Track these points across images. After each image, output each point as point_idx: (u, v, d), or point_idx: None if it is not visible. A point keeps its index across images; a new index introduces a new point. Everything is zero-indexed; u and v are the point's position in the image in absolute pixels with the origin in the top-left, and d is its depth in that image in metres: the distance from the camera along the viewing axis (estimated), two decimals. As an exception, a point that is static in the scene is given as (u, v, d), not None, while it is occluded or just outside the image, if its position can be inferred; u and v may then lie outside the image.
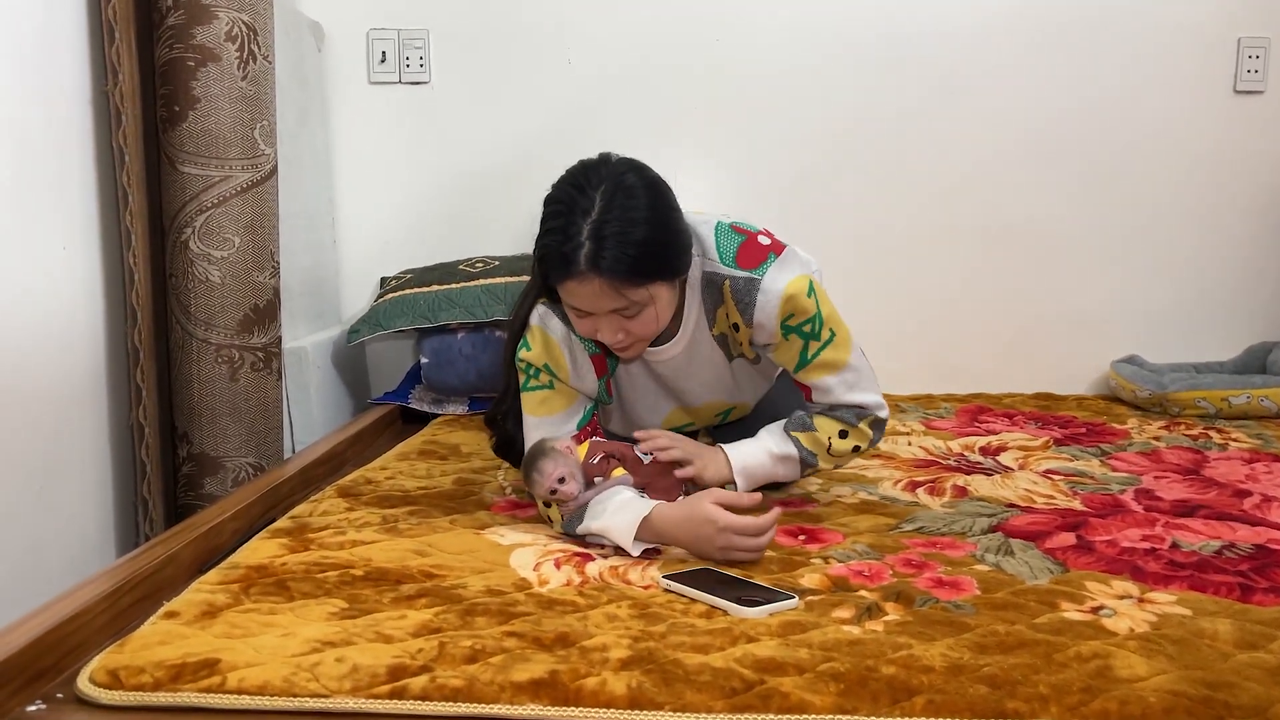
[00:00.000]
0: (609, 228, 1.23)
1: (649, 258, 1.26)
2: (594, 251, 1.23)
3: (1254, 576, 1.19)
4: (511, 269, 2.17)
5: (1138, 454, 1.82)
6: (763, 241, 1.40)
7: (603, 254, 1.23)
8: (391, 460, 1.72)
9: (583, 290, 1.26)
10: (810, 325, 1.38)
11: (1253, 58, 2.35)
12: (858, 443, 1.44)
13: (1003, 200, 2.41)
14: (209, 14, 1.62)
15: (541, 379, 1.40)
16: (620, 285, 1.25)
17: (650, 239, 1.26)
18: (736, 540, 1.22)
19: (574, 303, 1.30)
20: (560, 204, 1.28)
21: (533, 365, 1.40)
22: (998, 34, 2.36)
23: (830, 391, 1.42)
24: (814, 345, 1.38)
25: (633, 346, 1.36)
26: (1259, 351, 2.35)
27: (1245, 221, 2.41)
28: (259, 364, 1.73)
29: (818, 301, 1.38)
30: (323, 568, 1.18)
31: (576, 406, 1.43)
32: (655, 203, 1.29)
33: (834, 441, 1.43)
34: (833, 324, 1.40)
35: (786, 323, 1.36)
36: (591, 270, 1.24)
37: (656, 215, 1.28)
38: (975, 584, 1.16)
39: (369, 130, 2.42)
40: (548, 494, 1.30)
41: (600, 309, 1.28)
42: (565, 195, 1.29)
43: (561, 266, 1.25)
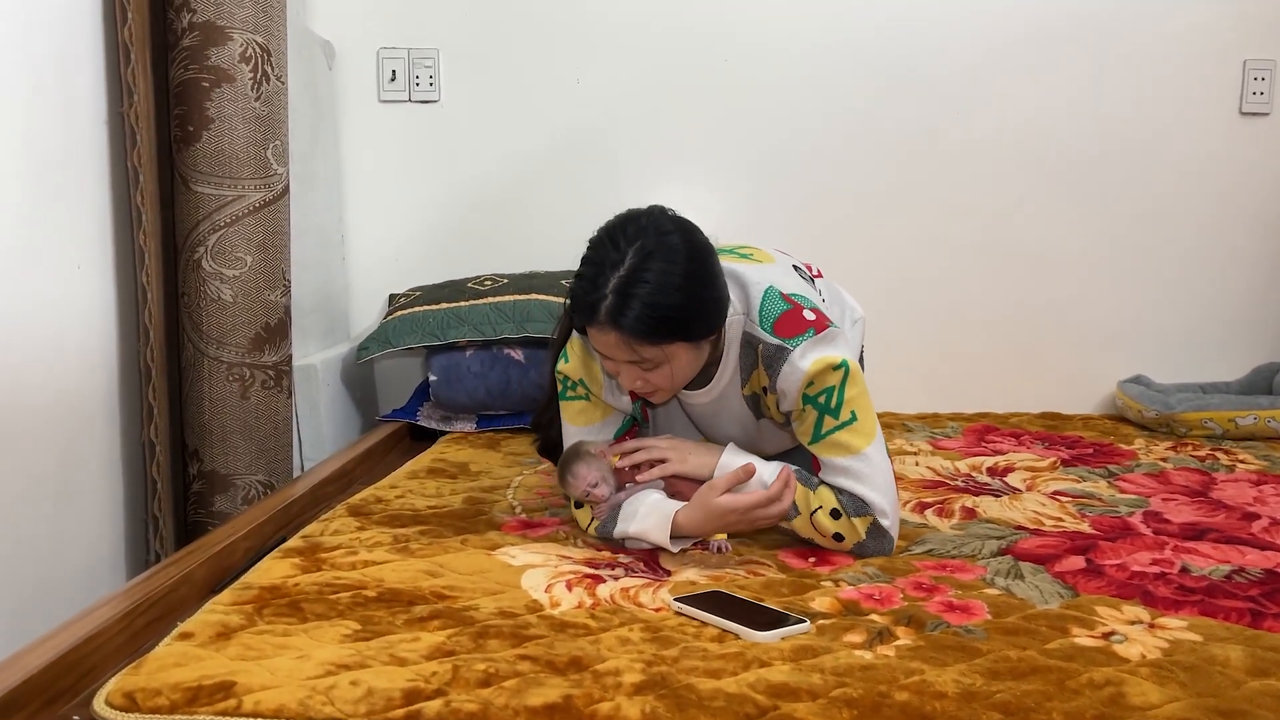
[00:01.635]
0: (633, 288, 1.25)
1: (668, 322, 1.27)
2: (614, 307, 1.26)
3: (1264, 602, 1.19)
4: (520, 287, 2.17)
5: (1145, 475, 1.82)
6: (807, 316, 1.37)
7: (623, 312, 1.25)
8: (401, 479, 1.73)
9: (602, 339, 1.30)
10: (827, 398, 1.33)
11: (1258, 79, 2.36)
12: (842, 532, 1.33)
13: (1010, 219, 2.42)
14: (224, 35, 1.63)
15: (579, 390, 1.45)
16: (636, 343, 1.27)
17: (673, 305, 1.27)
18: (758, 514, 1.31)
19: (596, 347, 1.34)
20: (595, 251, 1.30)
21: (570, 378, 1.44)
22: (1006, 55, 2.38)
23: (836, 473, 1.34)
24: (829, 421, 1.34)
25: (655, 394, 1.38)
26: (1266, 372, 2.35)
27: (1251, 242, 2.42)
28: (269, 382, 1.74)
29: (845, 381, 1.34)
30: (335, 588, 1.19)
31: (613, 419, 1.46)
32: (687, 269, 1.28)
33: (820, 514, 1.34)
34: (856, 408, 1.34)
35: (807, 392, 1.34)
36: (611, 325, 1.26)
37: (685, 282, 1.28)
38: (986, 608, 1.16)
39: (379, 148, 2.44)
40: (581, 496, 1.37)
41: (618, 358, 1.31)
42: (601, 244, 1.31)
43: (585, 314, 1.29)
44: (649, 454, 1.40)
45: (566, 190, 2.44)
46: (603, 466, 1.37)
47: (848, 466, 1.34)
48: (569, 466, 1.38)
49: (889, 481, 1.36)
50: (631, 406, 1.46)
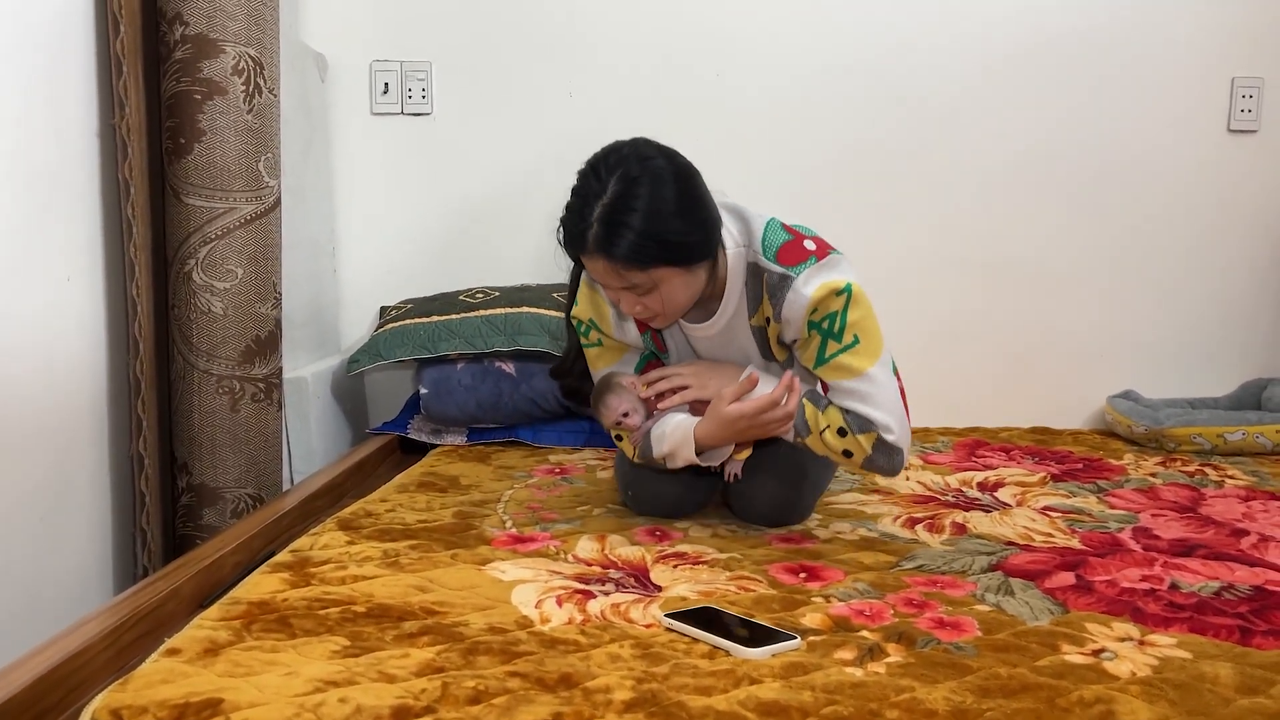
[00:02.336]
0: (617, 215, 1.30)
1: (653, 247, 1.31)
2: (600, 236, 1.31)
3: (1253, 619, 1.20)
4: (512, 300, 2.17)
5: (1135, 491, 1.82)
6: (808, 246, 1.42)
7: (608, 239, 1.31)
8: (391, 492, 1.72)
9: (594, 267, 1.37)
10: (830, 323, 1.38)
11: (1246, 97, 2.38)
12: (850, 449, 1.40)
13: (1000, 234, 2.43)
14: (216, 48, 1.63)
15: (592, 337, 1.53)
16: (622, 269, 1.32)
17: (657, 230, 1.31)
18: (766, 418, 1.37)
19: (592, 275, 1.41)
20: (580, 183, 1.37)
21: (581, 321, 1.53)
22: (997, 72, 2.39)
23: (842, 395, 1.40)
24: (833, 345, 1.39)
25: (655, 319, 1.44)
26: (1254, 388, 2.37)
27: (1239, 258, 2.44)
28: (260, 395, 1.74)
29: (848, 305, 1.38)
30: (324, 604, 1.18)
31: (627, 359, 1.54)
32: (670, 193, 1.33)
33: (829, 433, 1.40)
34: (859, 330, 1.39)
35: (811, 317, 1.39)
36: (599, 253, 1.32)
37: (667, 205, 1.32)
38: (976, 625, 1.16)
39: (371, 160, 2.44)
40: (613, 426, 1.48)
41: (612, 284, 1.38)
42: (585, 176, 1.37)
43: (574, 244, 1.36)
44: (670, 382, 1.47)
45: (559, 203, 2.42)
46: (631, 397, 1.47)
47: (852, 388, 1.39)
48: (600, 398, 1.49)
49: (894, 399, 1.42)
50: (640, 340, 1.52)
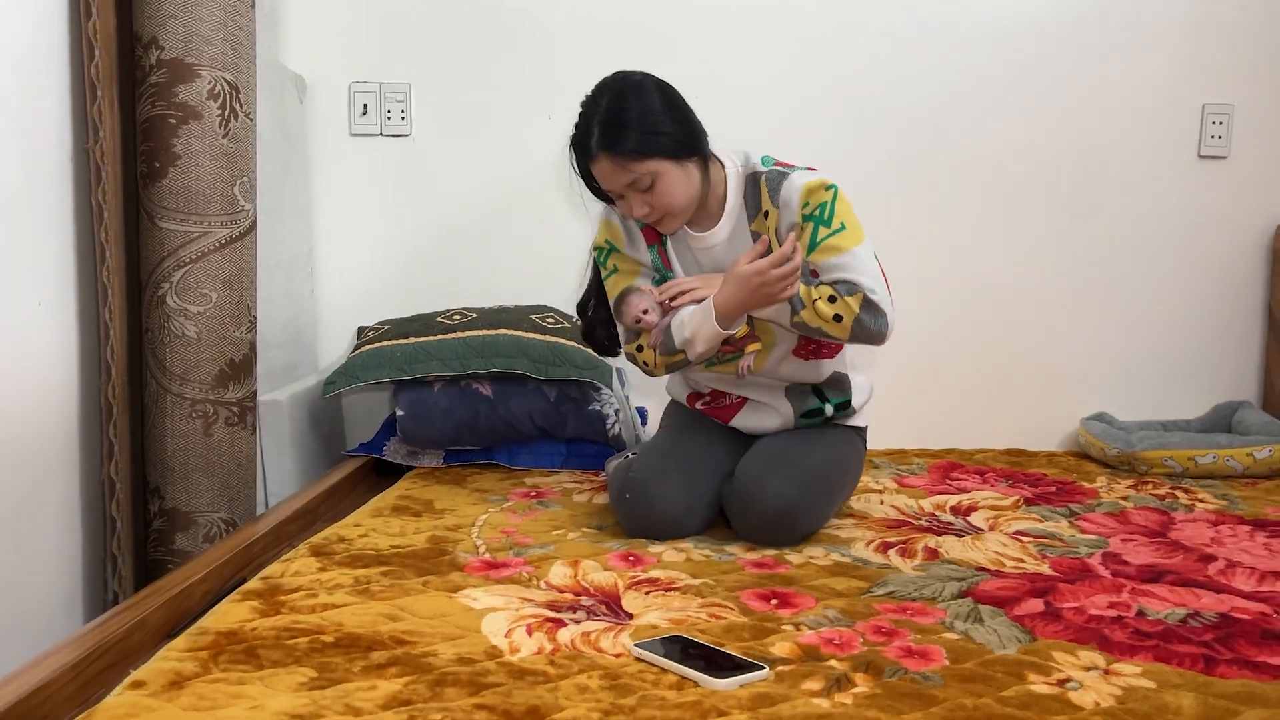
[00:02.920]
0: (610, 115, 1.53)
1: (644, 135, 1.52)
2: (600, 138, 1.54)
3: (1218, 647, 1.21)
4: (489, 322, 2.18)
5: (1106, 515, 1.84)
6: (798, 165, 1.66)
7: (606, 136, 1.53)
8: (365, 516, 1.71)
9: (599, 171, 1.57)
10: (821, 211, 1.58)
11: (1216, 124, 2.41)
12: (840, 313, 1.55)
13: (977, 258, 2.46)
14: (191, 72, 1.63)
15: (609, 264, 1.71)
16: (621, 159, 1.53)
17: (645, 120, 1.53)
18: (776, 273, 1.50)
19: (601, 185, 1.60)
20: (581, 109, 1.60)
21: (600, 248, 1.73)
22: (975, 98, 2.42)
23: (831, 271, 1.58)
24: (823, 230, 1.58)
25: (664, 221, 1.62)
26: (1225, 410, 2.39)
27: (1210, 282, 2.47)
28: (233, 419, 1.73)
29: (835, 198, 1.59)
30: (293, 633, 1.18)
31: (642, 278, 1.71)
32: (654, 97, 1.56)
33: (820, 302, 1.56)
34: (844, 219, 1.59)
35: (804, 210, 1.59)
36: (600, 151, 1.54)
37: (654, 105, 1.55)
38: (944, 654, 1.17)
39: (350, 181, 2.44)
40: (633, 323, 1.64)
41: (618, 185, 1.57)
42: (584, 104, 1.60)
43: (582, 155, 1.58)
44: (681, 286, 1.63)
45: (538, 225, 2.45)
46: (649, 298, 1.64)
47: (840, 263, 1.57)
48: (624, 299, 1.66)
49: (876, 271, 1.59)
50: (649, 256, 1.70)
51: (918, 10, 2.40)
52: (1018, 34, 2.40)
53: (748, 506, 1.61)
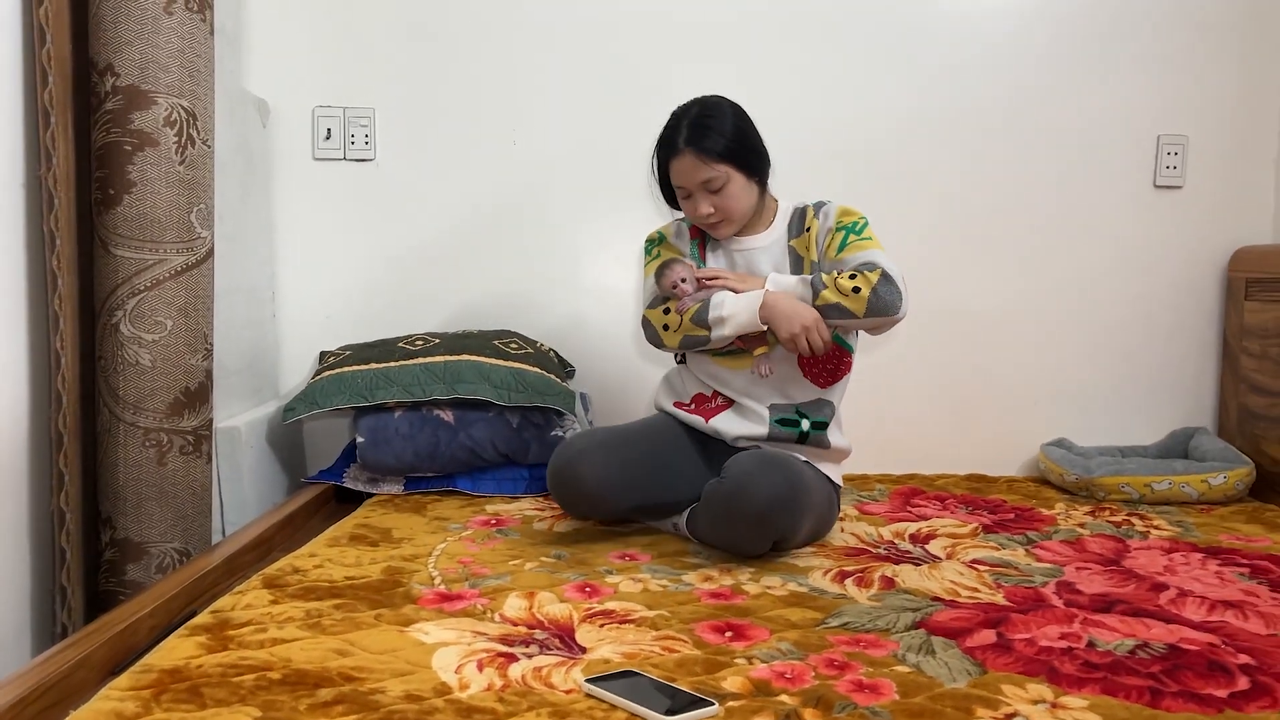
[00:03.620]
0: (699, 120, 1.75)
1: (725, 140, 1.73)
2: (687, 136, 1.74)
3: (1165, 679, 1.22)
4: (451, 348, 2.17)
5: (1062, 542, 1.85)
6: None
7: (693, 135, 1.73)
8: (321, 546, 1.70)
9: (680, 166, 1.75)
10: (852, 224, 1.80)
11: (1171, 154, 2.45)
12: (859, 285, 1.71)
13: (940, 286, 2.47)
14: (147, 99, 1.62)
15: (654, 252, 1.89)
16: (703, 157, 1.72)
17: (726, 129, 1.74)
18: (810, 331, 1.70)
19: (677, 181, 1.77)
20: (671, 117, 1.80)
21: (652, 239, 1.92)
22: (935, 125, 2.45)
23: (854, 261, 1.76)
24: (853, 237, 1.79)
25: (721, 225, 1.79)
26: (1181, 436, 2.42)
27: (1166, 311, 2.50)
28: (188, 447, 1.71)
29: (866, 223, 1.81)
30: (240, 669, 1.17)
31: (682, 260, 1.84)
32: (736, 114, 1.79)
33: (841, 278, 1.72)
34: (871, 234, 1.80)
35: (840, 221, 1.81)
36: (686, 146, 1.73)
37: (736, 120, 1.77)
38: (894, 688, 1.17)
39: (313, 206, 2.43)
40: (670, 287, 1.78)
41: (693, 182, 1.75)
42: (677, 110, 1.81)
43: (668, 149, 1.77)
44: (721, 273, 1.81)
45: (502, 250, 2.46)
46: (689, 270, 1.79)
47: (862, 255, 1.75)
48: (667, 266, 1.80)
49: (897, 267, 1.74)
50: (690, 249, 1.87)
51: (883, 42, 2.43)
52: (981, 66, 2.43)
53: (737, 498, 1.61)
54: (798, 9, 2.43)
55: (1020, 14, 2.43)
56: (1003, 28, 2.44)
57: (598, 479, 1.73)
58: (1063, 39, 2.44)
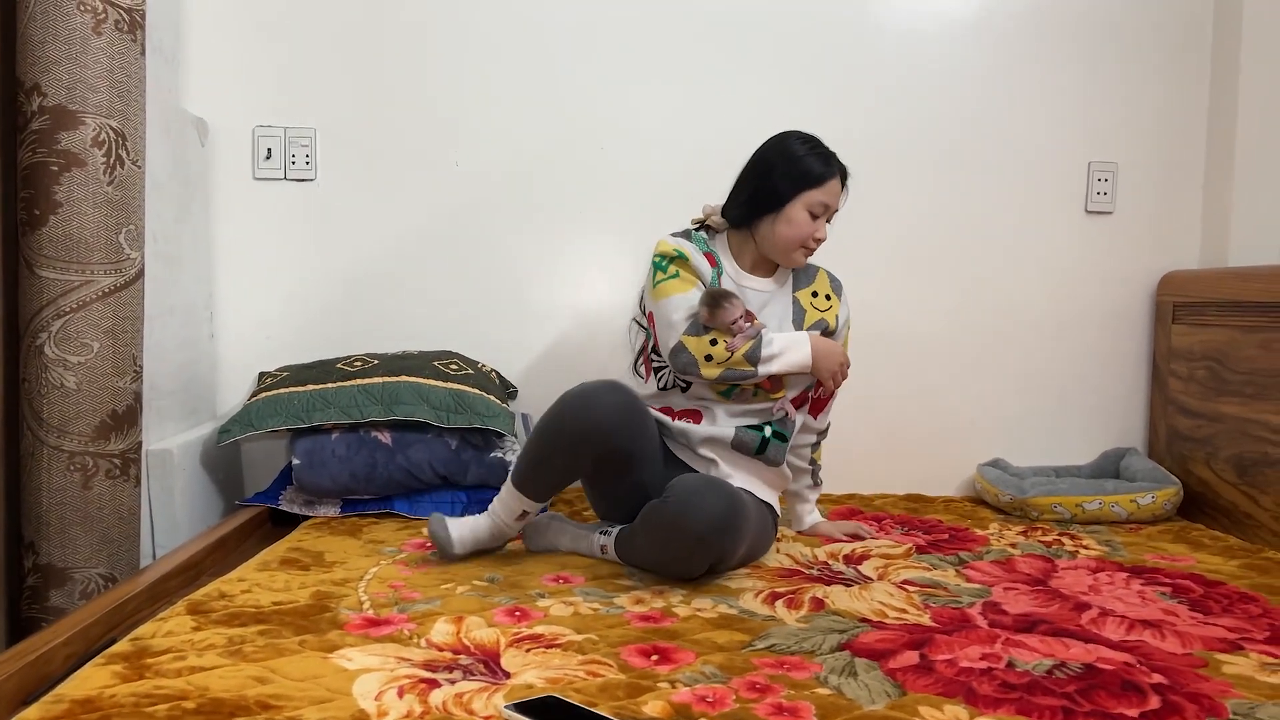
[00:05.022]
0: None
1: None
2: (839, 165, 1.90)
3: (1079, 699, 1.24)
4: (390, 369, 2.16)
5: (992, 563, 1.88)
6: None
7: (841, 167, 1.90)
8: (251, 570, 1.68)
9: (830, 188, 1.87)
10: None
11: (1101, 180, 2.51)
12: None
13: (878, 309, 2.51)
14: (75, 120, 1.61)
15: (671, 269, 1.85)
16: (845, 189, 1.91)
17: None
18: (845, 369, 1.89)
19: (824, 199, 1.87)
20: (812, 141, 1.91)
21: (668, 255, 1.87)
22: (873, 153, 2.48)
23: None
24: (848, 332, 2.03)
25: (814, 250, 1.92)
26: (1113, 457, 2.47)
27: (1098, 333, 2.56)
28: (114, 471, 1.69)
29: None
30: (154, 699, 1.15)
31: (698, 289, 1.86)
32: None
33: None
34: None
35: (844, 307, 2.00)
36: (839, 173, 1.89)
37: None
38: (813, 711, 1.18)
39: (253, 226, 2.42)
40: (730, 322, 1.77)
41: (831, 205, 1.89)
42: (807, 136, 1.92)
43: (826, 166, 1.87)
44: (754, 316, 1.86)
45: (445, 270, 2.45)
46: (744, 309, 1.81)
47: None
48: (727, 299, 1.78)
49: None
50: (710, 276, 1.88)
51: (823, 69, 2.47)
52: (917, 96, 2.48)
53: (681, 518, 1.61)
54: (742, 36, 2.46)
55: (955, 45, 2.49)
56: (938, 59, 2.49)
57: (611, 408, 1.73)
58: (997, 68, 2.49)
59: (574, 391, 1.75)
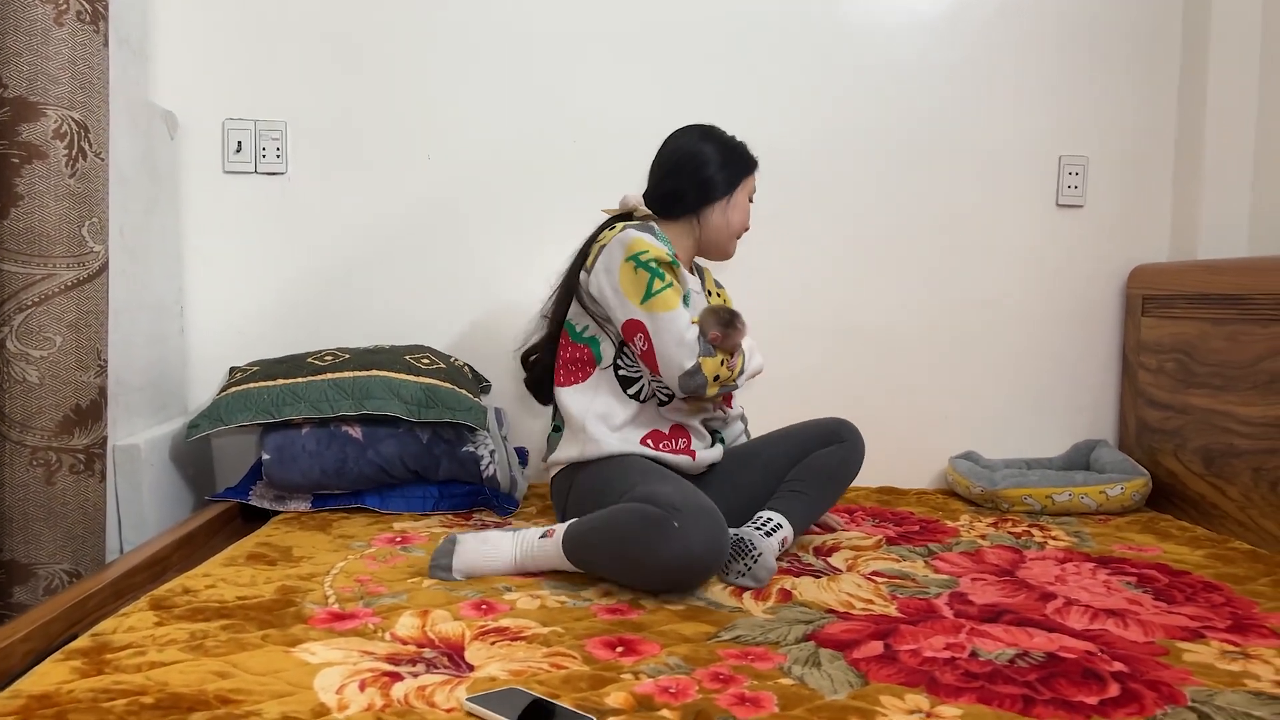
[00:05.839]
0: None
1: None
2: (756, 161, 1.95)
3: (1039, 687, 1.25)
4: (361, 363, 2.15)
5: (961, 554, 1.89)
6: None
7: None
8: (217, 566, 1.67)
9: (752, 180, 1.94)
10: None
11: (1072, 174, 2.53)
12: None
13: (851, 303, 2.52)
14: (36, 111, 1.59)
15: (666, 279, 1.74)
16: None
17: None
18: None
19: (747, 189, 1.93)
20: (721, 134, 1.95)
21: (662, 260, 1.74)
22: (845, 145, 2.49)
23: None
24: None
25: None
26: (1084, 449, 2.49)
27: (1070, 326, 2.57)
28: (79, 466, 1.68)
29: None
30: (112, 695, 1.14)
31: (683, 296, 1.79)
32: None
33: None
34: None
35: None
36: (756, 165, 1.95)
37: None
38: (775, 700, 1.19)
39: (224, 219, 2.40)
40: (735, 344, 1.75)
41: (752, 195, 1.96)
42: (720, 131, 1.96)
43: (750, 162, 1.92)
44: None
45: (416, 265, 2.44)
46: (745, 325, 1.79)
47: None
48: (738, 318, 1.75)
49: None
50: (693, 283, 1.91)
51: (793, 61, 2.47)
52: (890, 89, 2.49)
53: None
54: (709, 29, 2.46)
55: (927, 38, 2.49)
56: (910, 51, 2.49)
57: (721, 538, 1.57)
58: (968, 62, 2.50)
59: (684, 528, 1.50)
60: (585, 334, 1.85)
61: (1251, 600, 1.63)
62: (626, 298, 1.75)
